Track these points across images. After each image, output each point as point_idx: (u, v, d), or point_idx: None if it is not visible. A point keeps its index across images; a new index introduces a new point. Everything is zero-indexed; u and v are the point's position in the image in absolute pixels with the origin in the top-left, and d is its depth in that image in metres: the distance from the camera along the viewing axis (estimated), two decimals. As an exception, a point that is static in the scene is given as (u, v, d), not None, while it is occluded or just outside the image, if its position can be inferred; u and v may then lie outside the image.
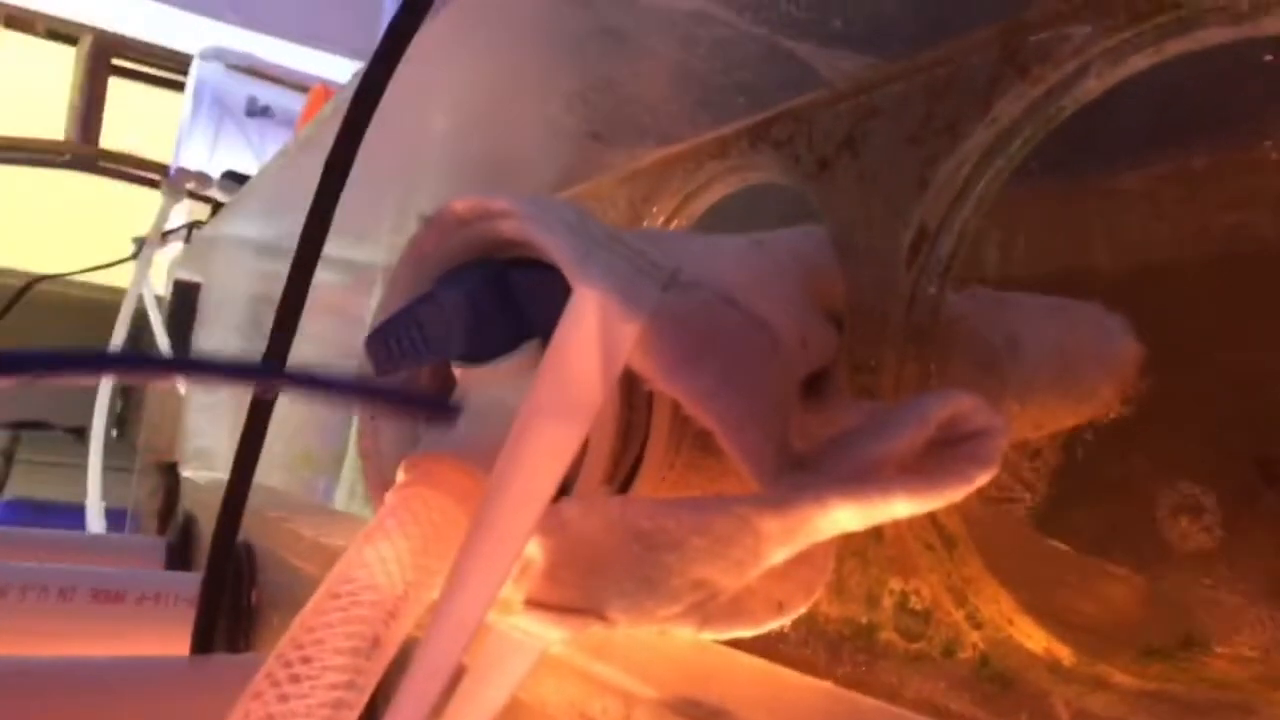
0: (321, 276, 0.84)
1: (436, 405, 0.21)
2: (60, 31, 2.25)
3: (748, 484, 0.25)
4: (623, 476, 0.25)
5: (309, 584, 0.35)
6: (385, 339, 0.26)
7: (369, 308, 0.80)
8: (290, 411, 0.71)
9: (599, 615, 0.21)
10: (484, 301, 0.26)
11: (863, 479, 0.21)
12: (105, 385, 1.01)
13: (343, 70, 1.87)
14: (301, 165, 0.54)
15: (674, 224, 0.41)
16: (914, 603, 0.26)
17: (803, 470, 0.22)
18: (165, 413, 1.00)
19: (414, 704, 0.18)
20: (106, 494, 1.07)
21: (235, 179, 0.77)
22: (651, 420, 0.25)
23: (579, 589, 0.21)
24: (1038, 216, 0.34)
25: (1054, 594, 0.29)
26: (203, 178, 0.80)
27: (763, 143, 0.35)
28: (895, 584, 0.27)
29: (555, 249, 0.24)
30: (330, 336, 0.80)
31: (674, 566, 0.20)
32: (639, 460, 0.25)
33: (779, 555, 0.21)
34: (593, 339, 0.21)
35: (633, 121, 0.38)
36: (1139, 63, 0.24)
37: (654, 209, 0.41)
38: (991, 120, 0.27)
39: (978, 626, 0.25)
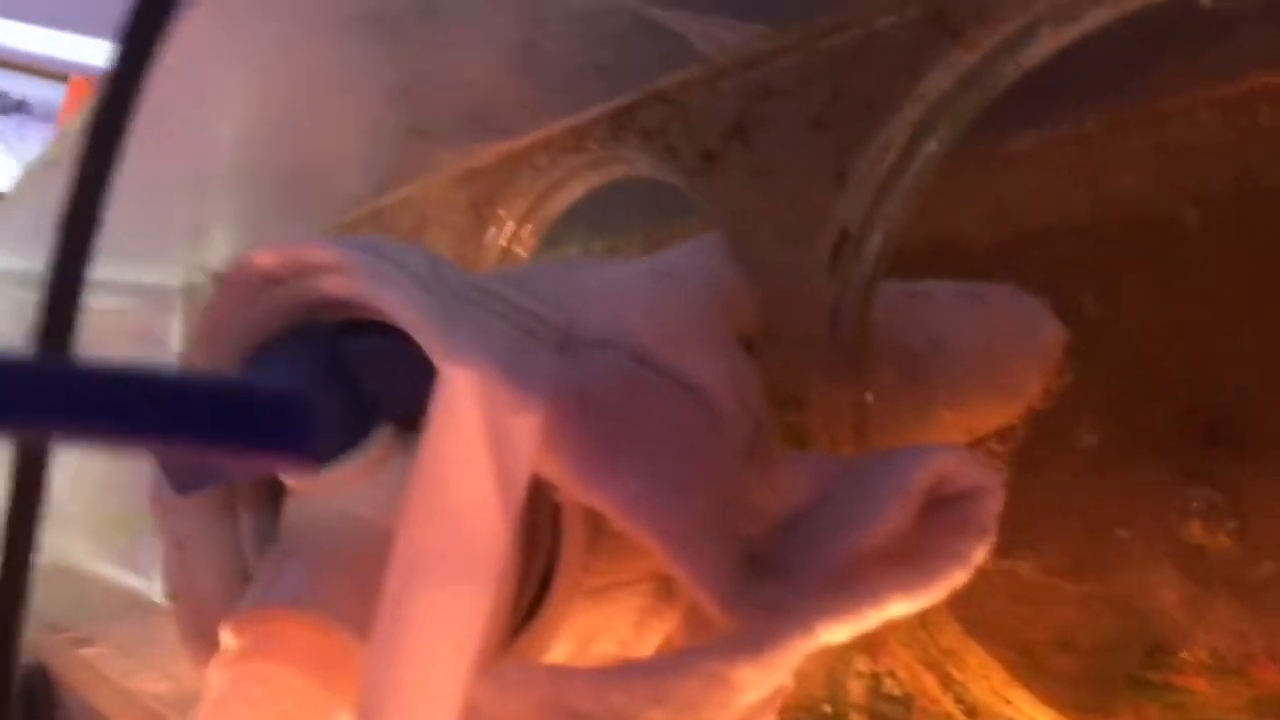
0: (117, 303, 0.73)
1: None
2: None
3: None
4: (530, 595, 0.20)
5: (123, 738, 0.28)
6: (183, 448, 0.20)
7: (173, 327, 0.71)
8: (85, 467, 0.61)
9: (532, 828, 0.15)
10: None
11: (846, 586, 0.17)
12: None
13: (104, 53, 1.68)
14: (56, 185, 0.44)
15: (526, 229, 0.36)
16: (889, 686, 0.22)
17: (767, 575, 0.17)
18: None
19: None
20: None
21: (-17, 199, 0.65)
22: (561, 519, 0.19)
23: (500, 797, 0.15)
24: (965, 196, 0.30)
25: (1038, 640, 0.25)
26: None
27: (627, 132, 0.29)
28: (863, 664, 0.22)
29: (408, 312, 0.18)
30: (136, 363, 0.70)
31: (628, 751, 0.15)
32: (548, 569, 0.20)
33: (753, 698, 0.16)
34: (478, 442, 0.16)
35: (465, 113, 0.32)
36: (1096, 19, 0.20)
37: (500, 212, 0.35)
38: (918, 96, 0.22)
39: (971, 713, 0.21)
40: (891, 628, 0.22)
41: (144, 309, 0.70)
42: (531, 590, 0.20)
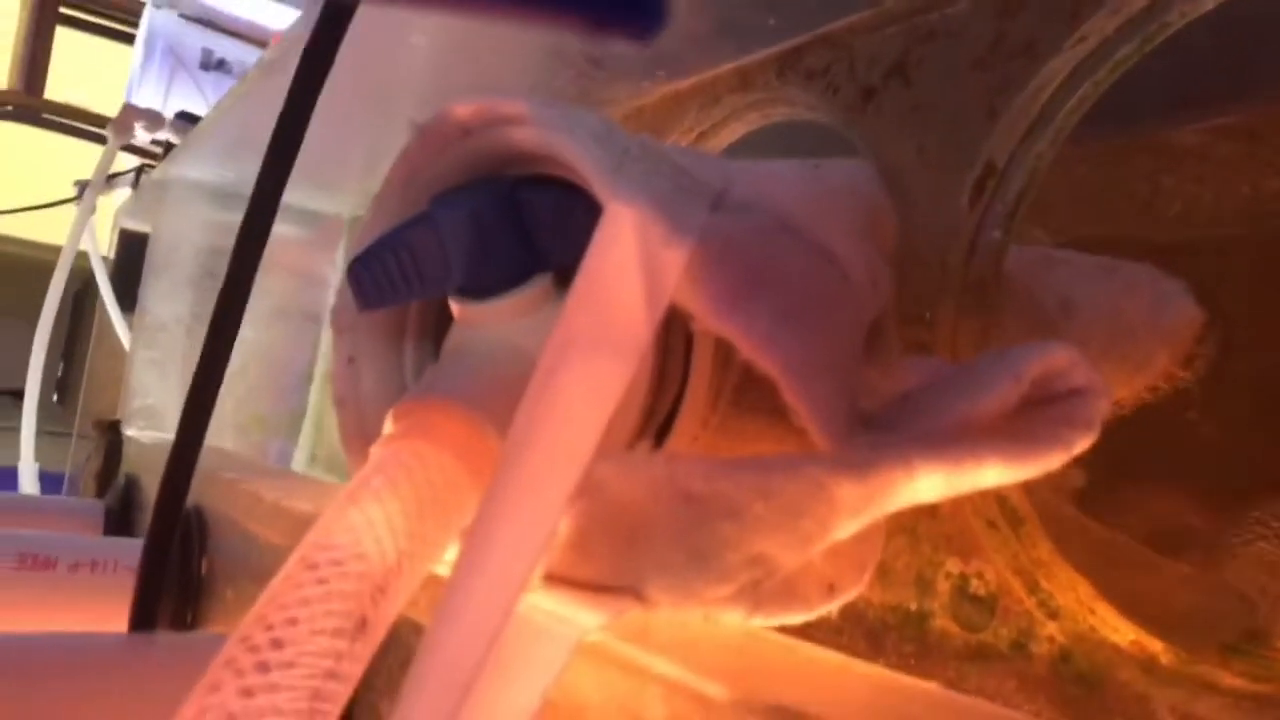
0: (280, 230, 0.79)
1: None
2: (4, -25, 2.14)
3: (788, 446, 0.22)
4: (653, 434, 0.21)
5: (271, 553, 0.31)
6: (370, 268, 0.22)
7: (335, 264, 0.75)
8: (243, 370, 0.66)
9: (636, 594, 0.17)
10: (490, 225, 0.22)
11: (950, 440, 0.18)
12: (41, 344, 0.95)
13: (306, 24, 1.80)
14: (261, 101, 0.49)
15: (682, 168, 0.38)
16: (976, 587, 0.23)
17: (877, 429, 0.19)
18: (109, 374, 0.94)
19: (430, 715, 0.14)
20: (45, 458, 1.01)
21: (191, 120, 0.72)
22: (690, 367, 0.21)
23: (613, 562, 0.17)
24: (1116, 155, 0.30)
25: (1129, 581, 0.26)
26: (154, 116, 0.74)
27: (792, 72, 0.31)
28: (953, 565, 0.23)
29: (582, 159, 0.20)
30: (290, 297, 0.75)
31: (730, 538, 0.17)
32: (671, 415, 0.22)
33: (848, 528, 0.18)
34: (632, 264, 0.18)
35: (643, 48, 0.34)
36: (1264, -30, 0.21)
37: (660, 150, 0.38)
38: (1079, 39, 0.23)
39: (1053, 616, 0.22)
40: (985, 533, 0.23)
41: (310, 240, 0.75)
42: (654, 428, 0.22)
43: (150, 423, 0.62)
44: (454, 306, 0.22)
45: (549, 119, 0.21)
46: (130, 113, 0.76)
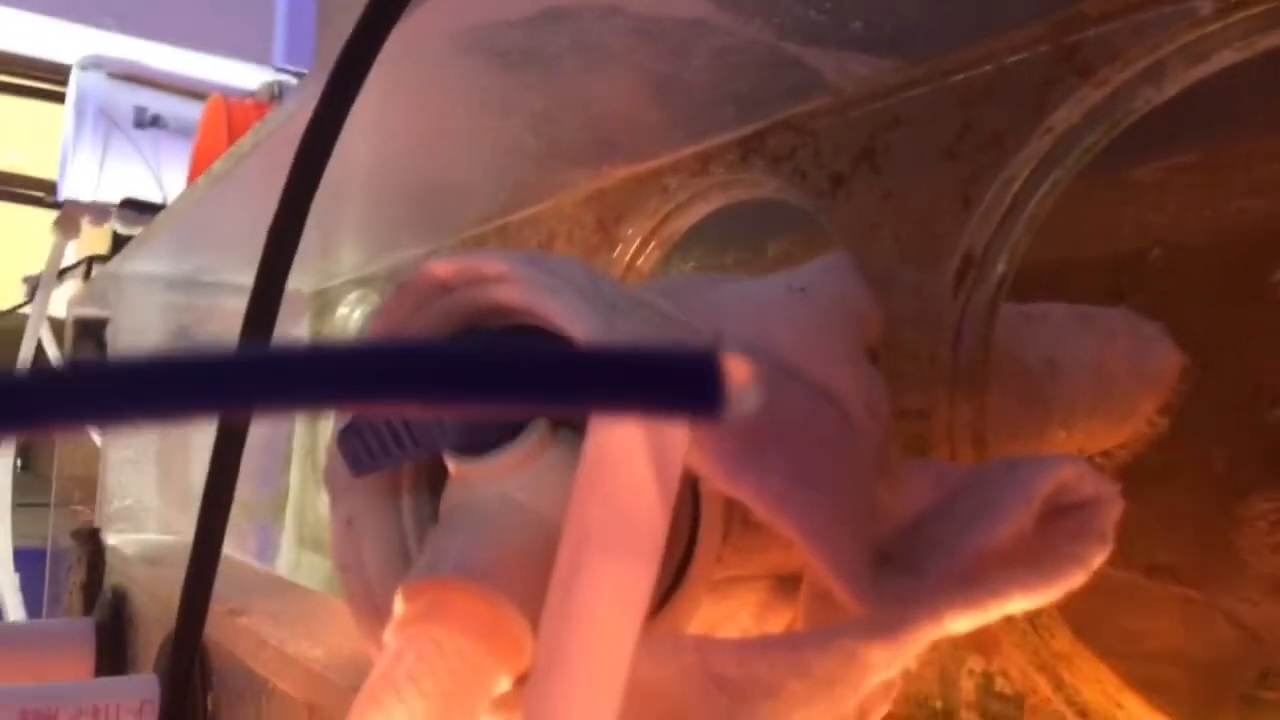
0: (240, 307, 0.77)
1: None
2: (-75, 45, 2.09)
3: (798, 559, 0.22)
4: (667, 583, 0.21)
5: (276, 698, 0.30)
6: (360, 434, 0.22)
7: (301, 336, 0.74)
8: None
9: (678, 784, 0.17)
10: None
11: (972, 581, 0.18)
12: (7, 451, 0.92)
13: (237, 75, 1.77)
14: (215, 200, 0.48)
15: (650, 247, 0.38)
16: (1000, 685, 0.23)
17: (897, 570, 0.19)
18: (78, 447, 0.92)
19: None
20: (19, 533, 0.98)
21: (135, 207, 0.70)
22: (700, 513, 0.21)
23: (652, 754, 0.17)
24: (1092, 223, 0.31)
25: (1149, 651, 0.26)
26: (99, 210, 0.73)
27: (756, 156, 0.31)
28: (975, 663, 0.23)
29: (571, 320, 0.20)
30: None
31: (767, 717, 0.16)
32: (685, 557, 0.21)
33: (879, 680, 0.18)
34: (637, 441, 0.17)
35: (598, 137, 0.34)
36: (1223, 59, 0.21)
37: (629, 230, 0.37)
38: (1046, 129, 0.23)
39: (1083, 714, 0.22)
40: (1004, 630, 0.23)
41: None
42: (669, 578, 0.21)
43: (130, 525, 0.61)
44: (450, 464, 0.22)
45: (531, 277, 0.20)
46: (74, 210, 0.74)
